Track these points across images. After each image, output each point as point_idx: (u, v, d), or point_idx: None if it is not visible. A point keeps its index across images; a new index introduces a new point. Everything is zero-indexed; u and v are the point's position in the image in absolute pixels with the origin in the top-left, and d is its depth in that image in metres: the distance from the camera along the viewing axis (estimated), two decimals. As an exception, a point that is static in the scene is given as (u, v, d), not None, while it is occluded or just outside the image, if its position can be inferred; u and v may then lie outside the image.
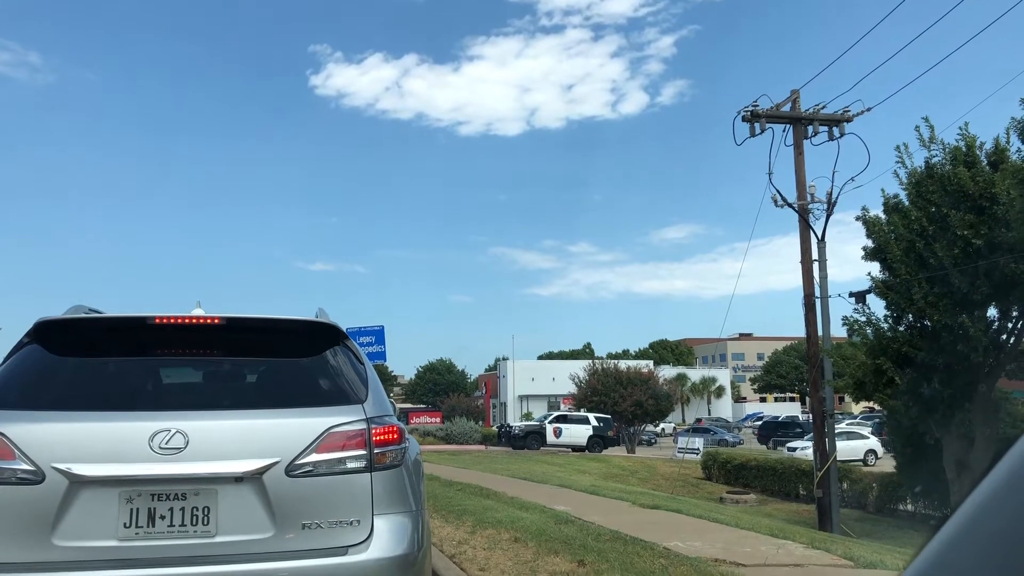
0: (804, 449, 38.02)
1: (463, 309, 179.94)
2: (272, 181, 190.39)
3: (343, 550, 3.70)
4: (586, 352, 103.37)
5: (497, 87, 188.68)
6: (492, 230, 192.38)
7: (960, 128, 18.98)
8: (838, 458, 37.08)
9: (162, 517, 3.52)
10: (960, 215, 17.57)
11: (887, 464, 30.06)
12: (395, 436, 3.97)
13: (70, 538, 3.43)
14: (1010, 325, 18.61)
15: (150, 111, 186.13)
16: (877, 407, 33.70)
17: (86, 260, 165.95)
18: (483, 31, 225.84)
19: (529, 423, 47.60)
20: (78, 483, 3.46)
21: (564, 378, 57.60)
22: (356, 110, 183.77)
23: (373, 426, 3.87)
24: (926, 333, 18.87)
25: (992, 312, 18.57)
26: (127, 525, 3.49)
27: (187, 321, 4.10)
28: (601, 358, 60.05)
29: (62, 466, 3.44)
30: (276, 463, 3.65)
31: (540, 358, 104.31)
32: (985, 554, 0.73)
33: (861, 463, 36.30)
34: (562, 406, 61.31)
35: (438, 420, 57.64)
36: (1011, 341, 18.66)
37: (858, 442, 40.18)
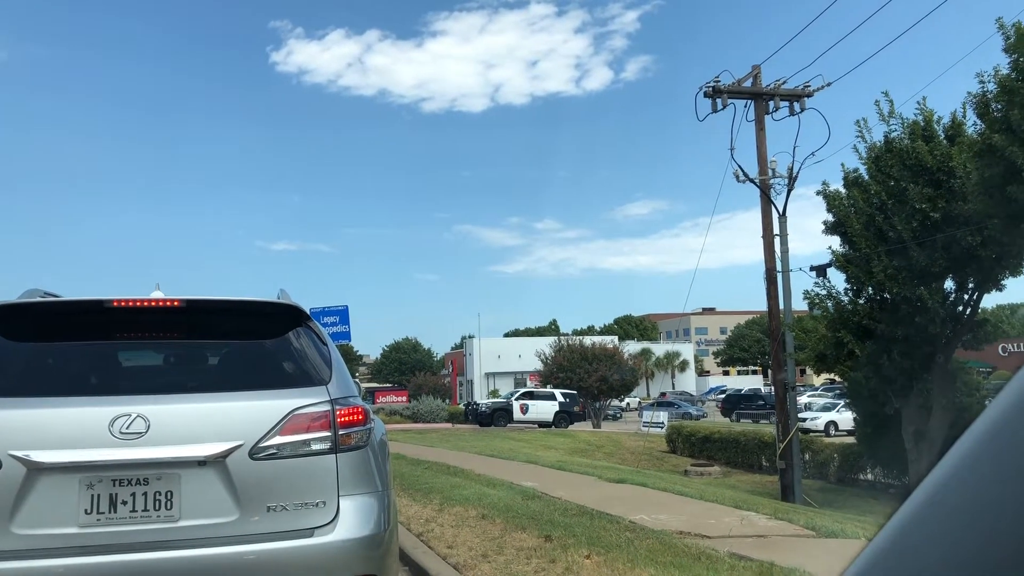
0: (813, 420, 39.49)
1: (429, 287, 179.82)
2: (233, 159, 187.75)
3: (309, 532, 3.68)
4: (552, 329, 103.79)
5: (461, 63, 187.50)
6: (457, 207, 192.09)
7: (918, 103, 19.30)
8: (847, 430, 37.71)
9: (124, 503, 3.48)
10: (918, 189, 17.85)
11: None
12: (360, 417, 3.94)
13: (30, 526, 3.37)
14: (967, 297, 19.00)
15: (105, 88, 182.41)
16: (838, 379, 34.26)
17: (41, 243, 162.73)
18: (446, 6, 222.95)
19: (496, 400, 47.70)
20: (36, 470, 3.39)
21: (530, 355, 57.86)
22: (318, 87, 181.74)
23: (337, 407, 3.85)
24: (885, 305, 19.20)
25: (949, 284, 18.94)
26: (88, 511, 3.44)
27: (146, 304, 4.03)
28: (567, 335, 60.31)
29: (19, 453, 3.37)
30: (240, 446, 3.62)
31: (506, 335, 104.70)
32: (950, 526, 0.73)
33: None
34: (528, 383, 61.61)
35: (404, 399, 57.63)
36: (967, 312, 19.05)
37: None
